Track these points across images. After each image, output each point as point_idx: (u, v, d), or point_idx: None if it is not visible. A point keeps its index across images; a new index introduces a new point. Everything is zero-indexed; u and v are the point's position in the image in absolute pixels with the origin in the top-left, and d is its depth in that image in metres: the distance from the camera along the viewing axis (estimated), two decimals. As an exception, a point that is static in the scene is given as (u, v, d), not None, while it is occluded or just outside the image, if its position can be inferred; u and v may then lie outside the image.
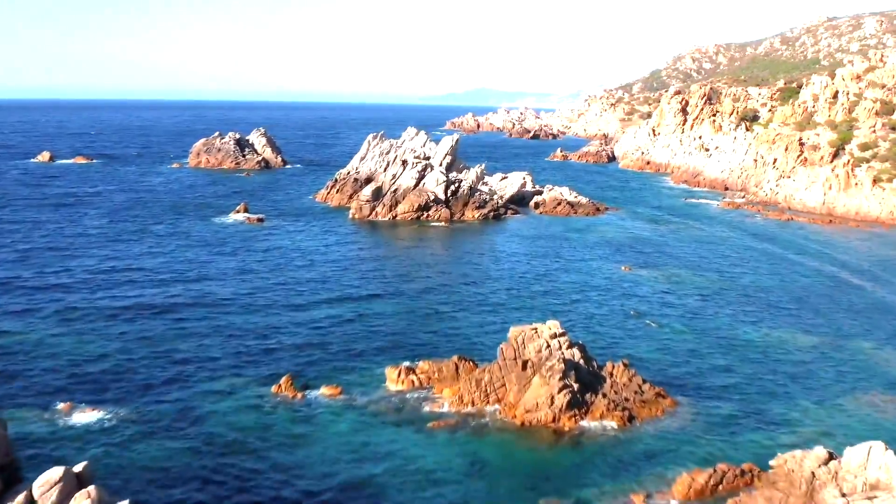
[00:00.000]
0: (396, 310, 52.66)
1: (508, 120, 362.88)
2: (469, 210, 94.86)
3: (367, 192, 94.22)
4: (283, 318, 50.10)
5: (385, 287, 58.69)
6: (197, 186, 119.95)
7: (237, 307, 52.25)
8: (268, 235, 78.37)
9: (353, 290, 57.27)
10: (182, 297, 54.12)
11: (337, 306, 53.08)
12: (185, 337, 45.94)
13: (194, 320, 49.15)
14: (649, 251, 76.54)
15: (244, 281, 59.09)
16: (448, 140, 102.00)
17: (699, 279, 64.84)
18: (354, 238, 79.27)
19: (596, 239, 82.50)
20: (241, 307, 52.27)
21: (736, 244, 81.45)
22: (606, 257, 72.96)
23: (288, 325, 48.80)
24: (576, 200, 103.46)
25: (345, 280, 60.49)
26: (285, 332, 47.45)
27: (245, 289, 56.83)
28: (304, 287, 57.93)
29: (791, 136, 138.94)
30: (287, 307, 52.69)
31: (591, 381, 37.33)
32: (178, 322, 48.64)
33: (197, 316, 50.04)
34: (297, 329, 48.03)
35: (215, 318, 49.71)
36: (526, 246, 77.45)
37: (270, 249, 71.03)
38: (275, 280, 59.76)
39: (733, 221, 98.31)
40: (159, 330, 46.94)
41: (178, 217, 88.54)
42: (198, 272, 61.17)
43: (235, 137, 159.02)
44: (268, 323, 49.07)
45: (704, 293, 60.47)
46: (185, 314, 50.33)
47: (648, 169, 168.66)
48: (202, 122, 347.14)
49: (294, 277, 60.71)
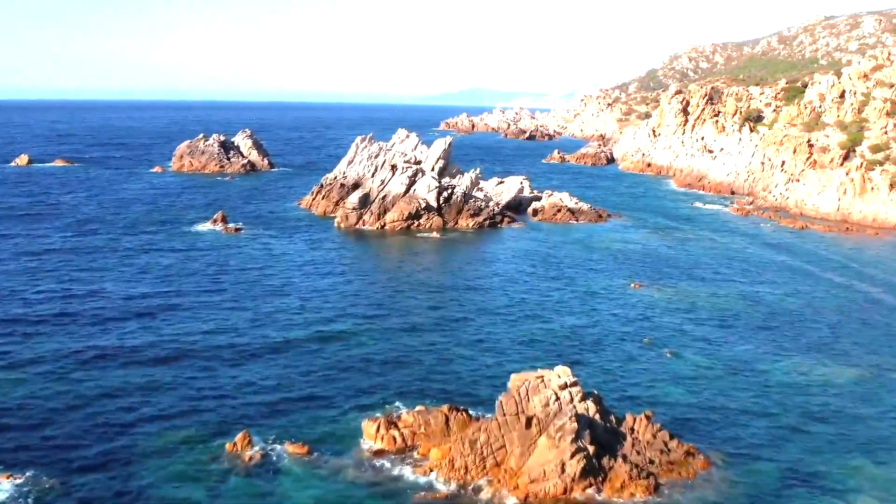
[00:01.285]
0: (379, 344, 45.85)
1: (504, 120, 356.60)
2: (463, 218, 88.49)
3: (353, 200, 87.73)
4: (245, 356, 43.11)
5: (367, 314, 51.70)
6: (176, 192, 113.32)
7: (192, 343, 44.92)
8: (243, 249, 71.61)
9: (330, 319, 50.25)
10: (131, 334, 46.06)
11: (311, 340, 46.13)
12: (127, 383, 39.16)
13: (140, 364, 41.59)
14: (659, 265, 70.26)
15: (206, 309, 51.51)
16: (440, 143, 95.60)
17: (717, 299, 58.56)
18: (338, 252, 72.67)
19: (600, 251, 76.17)
20: (196, 343, 44.81)
21: (752, 256, 75.23)
22: (612, 272, 66.65)
23: (251, 364, 41.96)
24: (577, 207, 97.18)
25: (322, 306, 53.36)
26: (247, 373, 40.67)
27: (205, 320, 49.27)
28: (273, 316, 50.69)
29: (799, 138, 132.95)
30: (251, 343, 45.47)
31: (609, 441, 30.99)
32: (122, 367, 41.17)
33: (143, 357, 42.44)
34: (260, 369, 41.25)
35: (165, 359, 42.48)
36: (525, 260, 71.07)
37: (243, 269, 63.60)
38: (241, 307, 52.29)
39: (745, 229, 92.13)
40: (96, 376, 39.66)
41: (150, 229, 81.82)
42: (156, 302, 52.72)
43: (220, 139, 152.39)
44: (227, 362, 42.18)
45: (724, 316, 54.19)
46: (130, 356, 42.63)
47: (649, 171, 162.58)
48: (195, 123, 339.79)
49: (264, 304, 53.33)
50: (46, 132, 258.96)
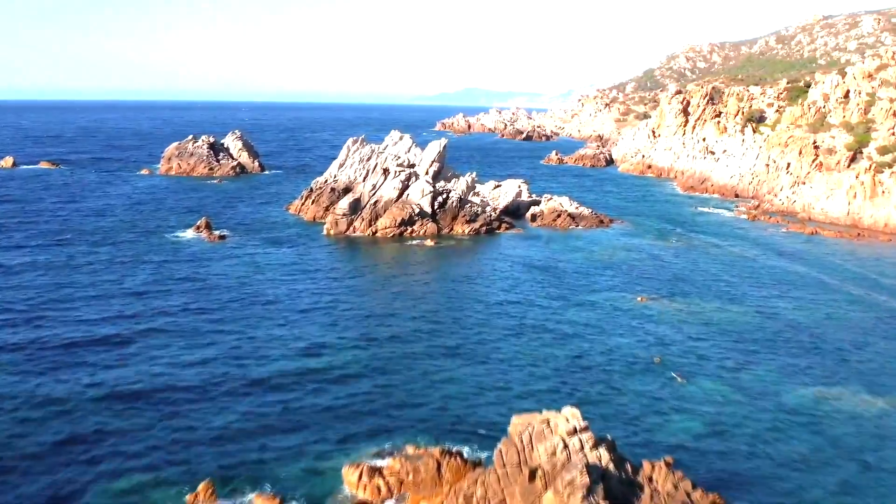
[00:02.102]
0: (367, 374, 41.22)
1: (500, 121, 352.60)
2: (458, 224, 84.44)
3: (343, 205, 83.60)
4: (217, 392, 38.52)
5: (355, 338, 47.02)
6: (161, 197, 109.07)
7: (158, 377, 40.08)
8: (225, 261, 67.20)
9: (311, 343, 45.68)
10: (92, 365, 41.31)
11: (291, 372, 41.14)
12: (84, 421, 34.85)
13: (98, 401, 36.90)
14: (665, 275, 66.29)
15: (178, 336, 46.33)
16: (435, 145, 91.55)
17: (729, 314, 54.59)
18: (326, 262, 68.49)
19: (603, 260, 72.18)
20: (163, 377, 40.08)
21: (763, 266, 71.31)
22: (616, 285, 62.66)
23: (222, 400, 37.45)
24: (577, 212, 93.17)
25: (304, 328, 48.71)
26: (217, 411, 36.11)
27: (177, 348, 44.37)
28: (253, 343, 45.72)
29: (805, 139, 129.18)
30: (226, 376, 40.54)
31: (625, 494, 26.98)
32: (78, 403, 36.63)
33: (102, 392, 37.67)
34: (233, 406, 36.71)
35: (127, 395, 37.80)
36: (524, 271, 67.04)
37: (223, 285, 58.67)
38: (217, 332, 47.47)
39: (753, 236, 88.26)
40: (50, 414, 35.36)
41: (127, 237, 77.49)
42: (124, 328, 47.54)
43: (209, 141, 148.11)
44: (196, 399, 37.65)
45: (741, 333, 50.24)
46: (86, 391, 38.20)
47: (650, 173, 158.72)
48: (190, 124, 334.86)
49: (243, 328, 48.39)
50: (38, 133, 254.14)
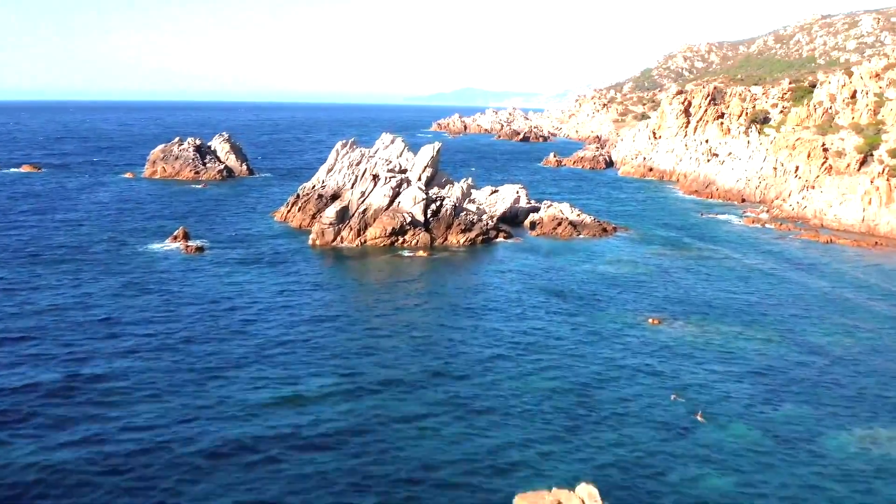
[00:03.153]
0: (348, 416, 36.14)
1: (496, 121, 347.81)
2: (453, 233, 79.35)
3: (330, 214, 78.42)
4: (160, 452, 32.51)
5: (334, 375, 40.95)
6: (141, 203, 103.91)
7: (97, 431, 33.90)
8: (200, 277, 61.67)
9: (279, 397, 38.10)
10: (23, 429, 35.14)
11: (243, 442, 32.88)
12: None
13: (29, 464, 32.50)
14: (677, 292, 61.21)
15: (134, 388, 38.44)
16: (428, 149, 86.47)
17: (752, 340, 49.52)
18: (309, 278, 63.03)
19: (608, 274, 67.06)
20: (102, 430, 34.20)
21: (782, 281, 66.30)
22: (624, 302, 57.59)
23: (166, 480, 31.07)
24: (579, 219, 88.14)
25: (279, 365, 42.18)
26: (156, 477, 30.80)
27: (127, 404, 36.64)
28: (221, 389, 38.83)
29: (813, 141, 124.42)
30: (183, 442, 32.93)
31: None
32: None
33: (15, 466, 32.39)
34: (180, 487, 31.27)
35: (40, 483, 33.03)
36: (524, 287, 61.87)
37: (194, 307, 52.58)
38: (179, 370, 41.00)
39: (765, 245, 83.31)
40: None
41: (96, 249, 72.21)
42: (70, 370, 40.64)
43: (196, 144, 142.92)
44: (133, 462, 31.68)
45: (766, 363, 45.24)
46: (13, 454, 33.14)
47: (651, 176, 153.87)
48: (182, 125, 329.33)
49: (211, 367, 41.83)
50: (25, 135, 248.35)
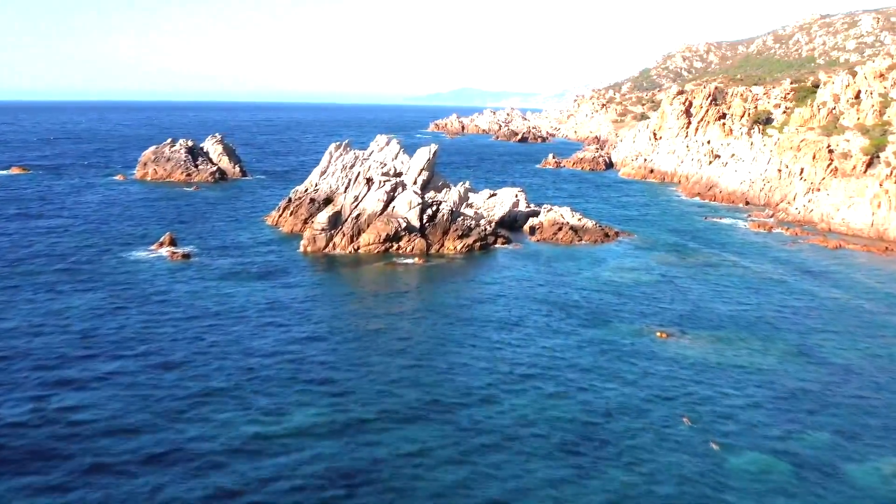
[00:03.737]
0: (334, 465, 32.82)
1: (495, 122, 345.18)
2: (450, 239, 76.51)
3: (322, 219, 75.54)
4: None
5: (325, 404, 37.63)
6: (130, 206, 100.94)
7: (60, 478, 30.89)
8: (185, 288, 58.45)
9: (272, 417, 35.76)
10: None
11: (225, 478, 30.93)
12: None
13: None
14: (685, 303, 58.37)
15: (99, 406, 36.82)
16: (424, 152, 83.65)
17: (768, 356, 46.73)
18: (300, 290, 59.79)
19: (612, 283, 64.18)
20: (65, 478, 31.47)
21: (794, 290, 63.43)
22: (631, 314, 54.78)
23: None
24: (580, 224, 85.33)
25: (265, 393, 38.78)
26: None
27: (87, 420, 34.93)
28: (197, 409, 36.09)
29: (818, 143, 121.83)
30: (138, 482, 30.12)
31: None
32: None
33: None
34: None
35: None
36: (524, 297, 58.98)
37: (176, 322, 49.49)
38: (152, 397, 37.70)
39: (773, 251, 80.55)
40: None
41: (78, 257, 69.27)
42: (38, 394, 38.31)
43: (188, 145, 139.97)
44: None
45: (784, 382, 42.44)
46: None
47: (652, 178, 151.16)
48: (178, 125, 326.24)
49: (187, 387, 38.81)
50: (20, 136, 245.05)
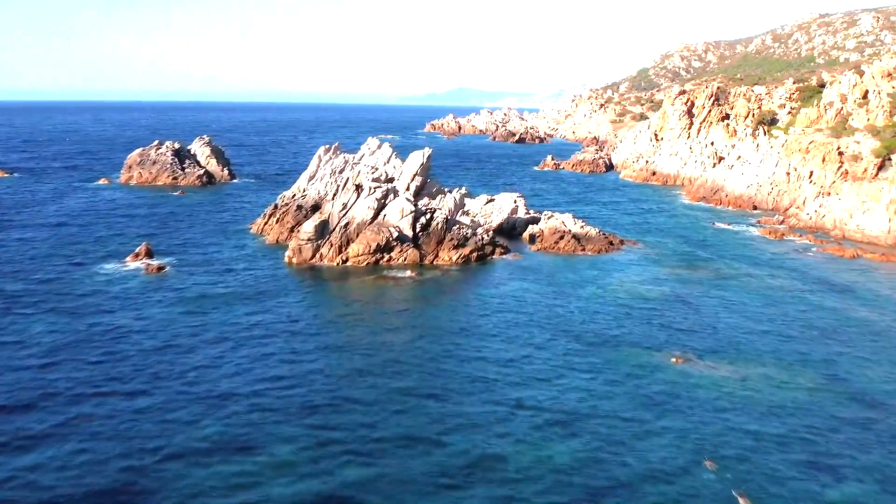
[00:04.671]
0: None
1: (492, 122, 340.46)
2: (445, 250, 71.83)
3: (308, 228, 70.79)
4: None
5: (307, 437, 33.51)
6: (110, 212, 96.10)
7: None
8: (157, 306, 54.06)
9: (248, 458, 31.81)
10: None
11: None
12: None
13: None
14: (699, 322, 53.69)
15: (48, 450, 33.10)
16: (417, 156, 78.98)
17: (793, 387, 42.03)
18: (284, 308, 54.87)
19: (619, 300, 59.43)
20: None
21: (815, 306, 58.80)
22: (640, 336, 50.11)
23: None
24: (582, 232, 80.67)
25: (242, 426, 34.81)
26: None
27: (37, 466, 31.45)
28: (166, 450, 32.43)
29: (827, 145, 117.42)
30: None
31: None
32: None
33: None
34: None
35: None
36: (523, 315, 54.29)
37: (143, 347, 45.42)
38: (110, 437, 33.92)
39: (787, 261, 75.99)
40: None
41: (51, 270, 64.51)
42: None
43: (174, 147, 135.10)
44: None
45: (813, 421, 37.86)
46: None
47: (654, 181, 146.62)
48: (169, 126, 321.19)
49: (154, 428, 34.63)
50: (9, 137, 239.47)
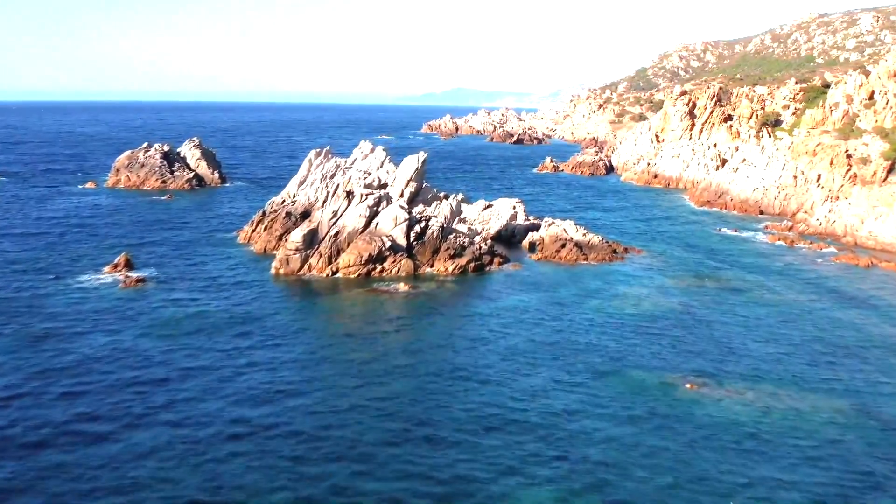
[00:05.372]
0: None
1: (489, 122, 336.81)
2: (440, 260, 68.20)
3: (296, 238, 67.08)
4: None
5: (289, 490, 30.62)
6: (93, 219, 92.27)
7: None
8: (130, 325, 50.25)
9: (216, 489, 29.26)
10: None
11: None
12: None
13: None
14: (711, 340, 50.03)
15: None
16: (412, 161, 75.33)
17: (827, 418, 38.32)
18: (267, 329, 51.14)
19: (626, 316, 55.67)
20: None
21: (833, 323, 55.14)
22: (649, 357, 46.48)
23: None
24: (585, 240, 77.05)
25: (215, 477, 31.42)
26: None
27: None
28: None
29: (835, 147, 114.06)
30: None
31: None
32: None
33: None
34: None
35: None
36: (526, 338, 50.45)
37: (110, 373, 42.13)
38: (69, 477, 30.35)
39: (800, 271, 72.42)
40: None
41: (25, 282, 60.74)
42: None
43: (163, 150, 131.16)
44: None
45: (853, 456, 34.26)
46: None
47: (656, 183, 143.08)
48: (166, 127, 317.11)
49: (116, 470, 31.65)
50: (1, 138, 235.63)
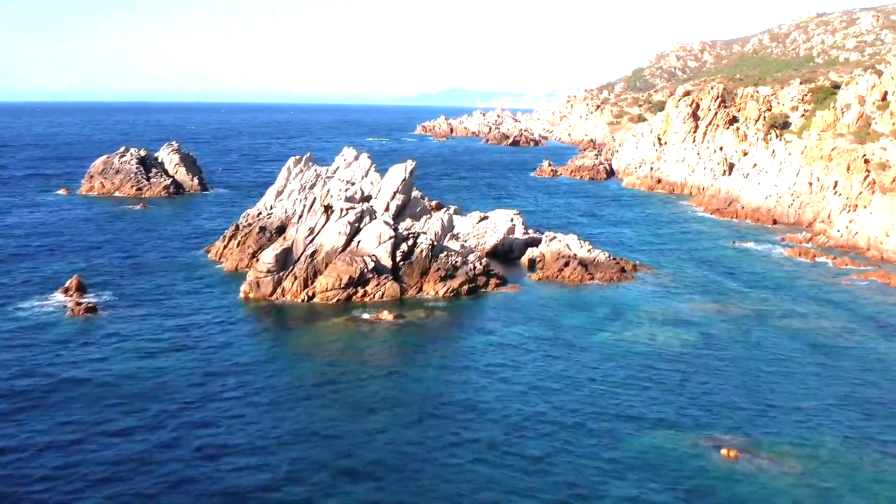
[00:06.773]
0: None
1: (485, 123, 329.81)
2: (429, 282, 60.93)
3: (267, 258, 59.68)
4: None
5: None
6: (57, 231, 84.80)
7: None
8: (74, 367, 43.18)
9: None
10: None
11: None
12: None
13: None
14: (745, 389, 42.55)
15: None
16: (398, 171, 68.09)
17: (880, 486, 31.60)
18: (232, 369, 44.17)
19: (641, 353, 48.27)
20: None
21: (879, 358, 47.96)
22: (677, 412, 38.99)
23: None
24: (590, 257, 69.87)
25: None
26: None
27: None
28: None
29: (852, 152, 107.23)
30: None
31: None
32: None
33: None
34: None
35: None
36: (525, 385, 43.27)
37: (46, 436, 35.68)
38: None
39: (828, 291, 65.27)
40: None
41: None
42: None
43: (140, 155, 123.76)
44: None
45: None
46: None
47: (660, 188, 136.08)
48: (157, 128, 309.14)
49: None
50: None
